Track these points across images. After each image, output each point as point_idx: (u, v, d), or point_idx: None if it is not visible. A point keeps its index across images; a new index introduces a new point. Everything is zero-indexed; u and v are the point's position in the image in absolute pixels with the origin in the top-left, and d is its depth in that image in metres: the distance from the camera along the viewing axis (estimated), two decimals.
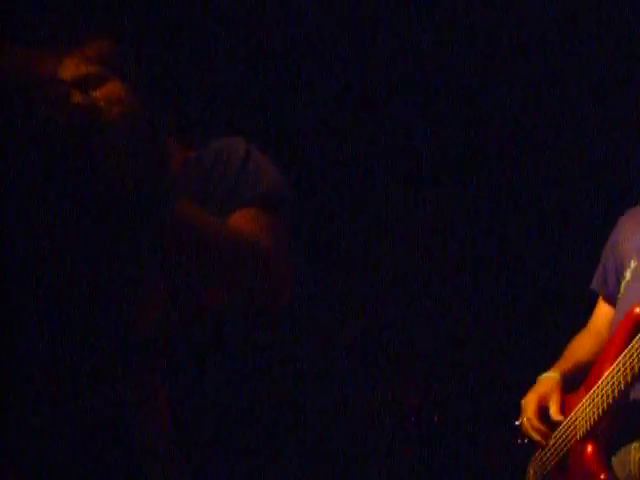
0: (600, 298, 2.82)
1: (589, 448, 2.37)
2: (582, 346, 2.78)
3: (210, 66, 3.77)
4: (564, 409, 2.57)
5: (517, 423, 2.69)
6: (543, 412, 2.59)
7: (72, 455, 1.75)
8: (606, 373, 2.36)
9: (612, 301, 2.75)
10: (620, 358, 2.28)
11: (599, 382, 2.36)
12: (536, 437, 2.61)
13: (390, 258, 4.25)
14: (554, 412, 2.55)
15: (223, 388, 1.84)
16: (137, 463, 1.76)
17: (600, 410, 2.32)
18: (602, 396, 2.32)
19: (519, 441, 2.70)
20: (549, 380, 2.64)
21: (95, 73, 1.78)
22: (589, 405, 2.38)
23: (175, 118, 2.01)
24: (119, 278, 1.78)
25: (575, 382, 2.66)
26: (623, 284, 2.63)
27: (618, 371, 2.26)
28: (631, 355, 2.23)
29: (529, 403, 2.62)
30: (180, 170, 1.91)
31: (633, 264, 2.60)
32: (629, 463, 2.34)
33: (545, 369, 2.73)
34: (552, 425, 2.58)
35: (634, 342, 2.24)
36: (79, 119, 1.62)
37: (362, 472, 3.43)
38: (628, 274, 2.62)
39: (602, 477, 2.29)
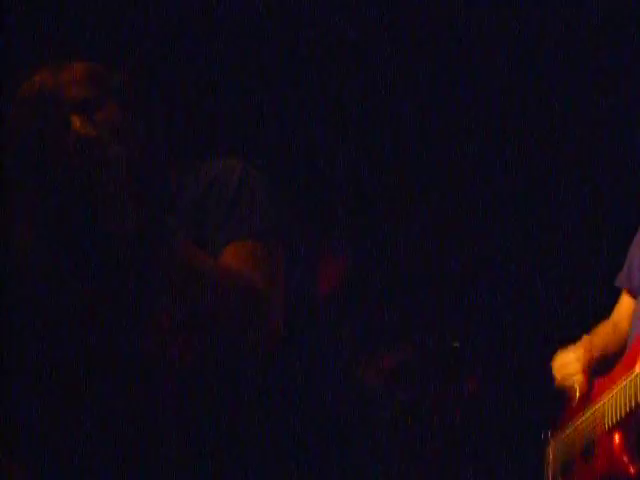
0: (624, 292, 2.81)
1: (617, 438, 2.33)
2: (605, 333, 2.76)
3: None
4: (592, 392, 2.56)
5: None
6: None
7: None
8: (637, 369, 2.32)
9: (636, 296, 2.72)
10: None
11: (632, 374, 2.33)
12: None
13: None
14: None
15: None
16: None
17: (633, 402, 2.28)
18: (636, 388, 2.28)
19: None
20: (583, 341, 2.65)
21: (93, 96, 1.81)
22: (621, 396, 2.34)
23: (171, 129, 2.01)
24: (126, 307, 1.80)
25: (599, 368, 2.65)
26: None
27: None
28: None
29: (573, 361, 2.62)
30: (176, 194, 1.89)
31: None
32: None
33: None
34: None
35: None
36: (84, 153, 1.62)
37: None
38: None
39: (632, 470, 2.26)
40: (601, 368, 2.64)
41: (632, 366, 2.36)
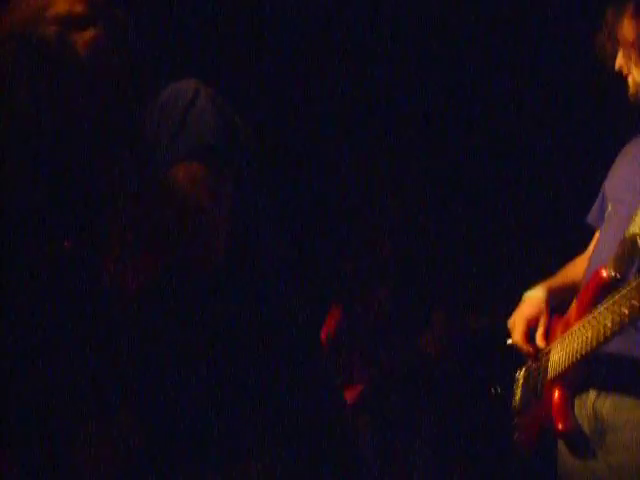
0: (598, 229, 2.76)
1: (556, 394, 2.41)
2: (574, 268, 2.77)
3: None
4: (549, 333, 2.60)
5: (509, 342, 2.68)
6: (530, 334, 2.59)
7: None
8: (574, 327, 2.38)
9: None
10: (588, 319, 2.25)
11: (568, 334, 2.36)
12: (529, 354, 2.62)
13: None
14: (539, 338, 2.55)
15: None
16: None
17: (569, 362, 2.34)
18: (571, 349, 2.35)
19: (492, 390, 2.72)
20: (535, 300, 2.63)
21: (81, 14, 1.82)
22: (561, 351, 2.41)
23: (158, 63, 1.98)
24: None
25: (562, 300, 2.67)
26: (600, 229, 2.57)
27: (586, 333, 2.24)
28: (598, 322, 2.19)
29: (517, 325, 2.61)
30: (142, 114, 1.90)
31: (610, 207, 2.52)
32: (585, 406, 2.39)
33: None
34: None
35: (602, 308, 2.19)
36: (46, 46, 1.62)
37: None
38: (606, 219, 2.54)
39: (560, 427, 2.32)
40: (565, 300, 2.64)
41: (580, 315, 2.36)
